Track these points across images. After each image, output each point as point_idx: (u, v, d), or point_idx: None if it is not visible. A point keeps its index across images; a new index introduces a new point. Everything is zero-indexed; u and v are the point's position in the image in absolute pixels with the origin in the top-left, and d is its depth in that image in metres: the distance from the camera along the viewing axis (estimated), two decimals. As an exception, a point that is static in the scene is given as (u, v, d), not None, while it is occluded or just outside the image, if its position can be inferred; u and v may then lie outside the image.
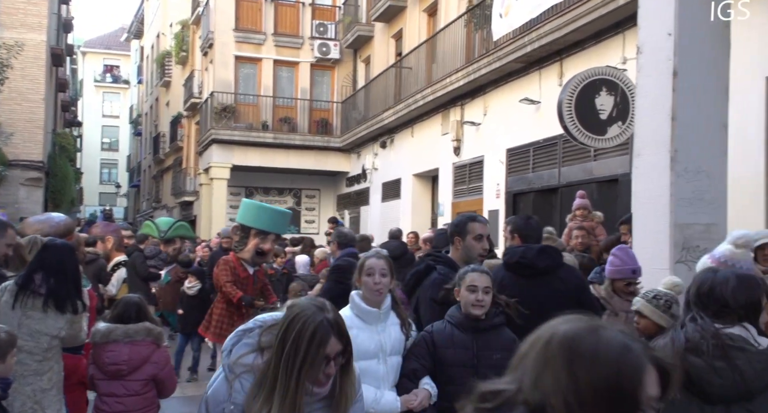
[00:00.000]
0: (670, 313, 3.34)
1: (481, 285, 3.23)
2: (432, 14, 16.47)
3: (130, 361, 3.76)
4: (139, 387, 3.81)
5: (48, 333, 3.56)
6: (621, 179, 8.99)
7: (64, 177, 23.80)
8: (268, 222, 7.77)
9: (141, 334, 3.82)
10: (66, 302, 3.60)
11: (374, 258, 3.35)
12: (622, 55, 9.03)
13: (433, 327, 3.30)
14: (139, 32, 41.13)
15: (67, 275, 3.67)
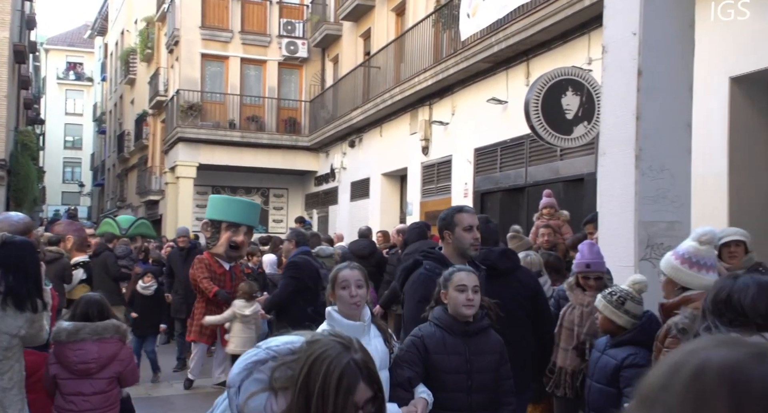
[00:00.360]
0: (623, 309, 3.42)
1: (470, 284, 3.12)
2: (400, 14, 16.48)
3: (99, 359, 3.72)
4: (105, 385, 3.78)
5: (7, 332, 3.48)
6: (587, 178, 9.09)
7: (27, 175, 23.32)
8: (237, 213, 7.73)
9: (110, 331, 3.79)
10: (26, 300, 3.52)
11: (347, 270, 3.13)
12: (588, 56, 9.13)
13: (422, 331, 3.16)
14: (103, 29, 40.42)
15: (27, 273, 3.59)
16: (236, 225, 7.69)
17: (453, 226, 3.58)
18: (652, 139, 4.09)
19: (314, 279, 5.31)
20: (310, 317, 5.20)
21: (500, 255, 3.89)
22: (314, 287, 5.27)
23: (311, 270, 5.33)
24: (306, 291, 5.26)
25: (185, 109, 20.22)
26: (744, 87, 6.75)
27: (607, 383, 3.45)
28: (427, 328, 3.16)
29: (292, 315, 5.34)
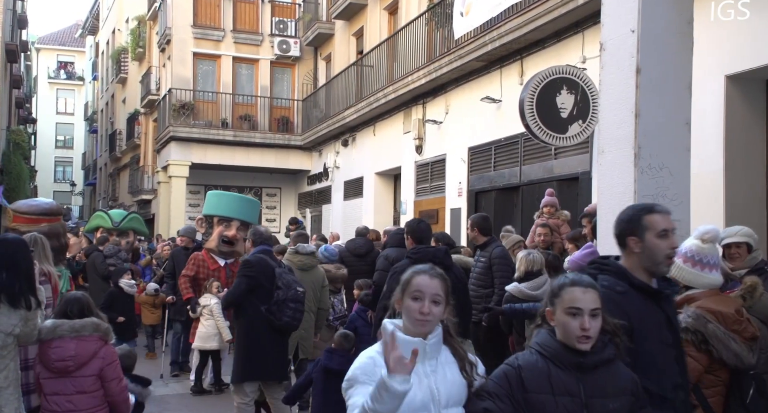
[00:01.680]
0: None
1: (588, 306, 2.33)
2: (393, 12, 16.44)
3: (76, 357, 3.65)
4: (88, 385, 3.70)
5: (2, 330, 3.45)
6: (581, 177, 9.08)
7: (19, 175, 23.21)
8: (228, 208, 7.67)
9: (88, 329, 3.72)
10: (19, 298, 3.49)
11: (425, 277, 2.42)
12: (582, 54, 9.12)
13: (520, 359, 2.42)
14: (94, 28, 40.20)
15: (20, 270, 3.56)
16: (228, 219, 7.64)
17: (642, 231, 2.74)
18: (651, 137, 4.06)
19: (269, 278, 5.31)
20: (263, 316, 5.26)
21: (445, 253, 4.72)
22: (268, 286, 5.29)
23: (266, 268, 5.34)
24: (260, 289, 5.28)
25: (177, 108, 20.12)
26: (739, 85, 6.75)
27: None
28: (527, 357, 2.42)
29: (246, 313, 5.38)
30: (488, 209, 11.11)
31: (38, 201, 5.58)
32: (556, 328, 2.39)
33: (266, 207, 22.60)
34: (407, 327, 2.36)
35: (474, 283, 6.25)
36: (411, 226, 5.20)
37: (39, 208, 5.30)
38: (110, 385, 3.77)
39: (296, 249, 6.61)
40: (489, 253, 6.16)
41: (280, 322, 5.30)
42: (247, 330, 5.38)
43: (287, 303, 5.28)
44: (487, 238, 6.31)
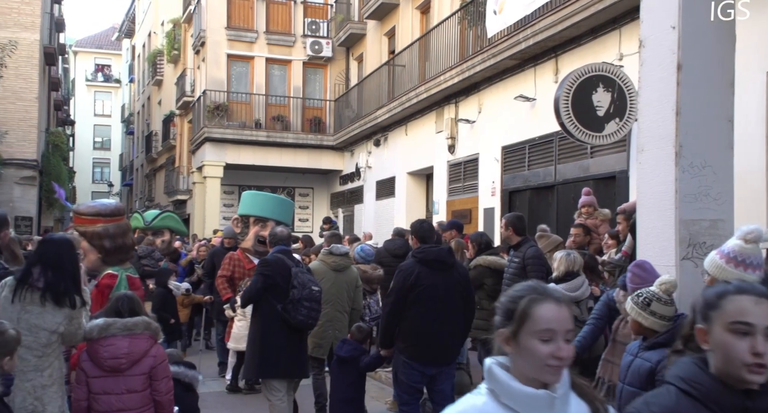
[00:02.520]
0: (649, 311, 3.35)
1: (762, 322, 1.73)
2: (425, 12, 16.40)
3: (129, 355, 3.68)
4: (138, 384, 3.73)
5: (46, 328, 3.50)
6: (618, 176, 8.96)
7: (58, 176, 23.66)
8: (264, 208, 7.71)
9: (140, 327, 3.75)
10: (64, 296, 3.55)
11: (553, 306, 1.74)
12: (619, 51, 9.00)
13: (653, 404, 1.83)
14: (130, 31, 40.88)
15: (64, 269, 3.62)
16: (264, 219, 7.67)
17: None
18: (693, 134, 3.97)
19: (285, 278, 5.41)
20: (278, 314, 5.35)
21: (447, 252, 5.09)
22: (284, 285, 5.39)
23: (282, 267, 5.45)
24: (276, 288, 5.38)
25: (212, 109, 20.35)
26: (782, 81, 6.59)
27: (640, 386, 3.36)
28: (663, 398, 1.82)
29: (262, 312, 5.48)
30: (522, 209, 11.02)
31: (97, 202, 5.76)
32: (711, 354, 1.77)
33: (299, 207, 22.72)
34: (523, 372, 1.72)
35: (508, 284, 6.18)
36: (415, 226, 5.46)
37: (94, 209, 5.45)
38: (159, 384, 3.79)
39: (330, 250, 6.64)
40: (523, 254, 6.10)
41: (294, 321, 5.38)
42: (263, 327, 5.48)
43: (302, 302, 5.36)
44: (521, 238, 6.25)
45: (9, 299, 3.53)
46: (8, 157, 18.95)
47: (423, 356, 4.98)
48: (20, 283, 3.56)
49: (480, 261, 6.65)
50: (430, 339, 4.95)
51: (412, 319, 4.97)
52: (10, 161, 19.10)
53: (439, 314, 4.94)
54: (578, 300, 4.94)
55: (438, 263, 4.96)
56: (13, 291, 3.54)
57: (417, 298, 4.92)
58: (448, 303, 4.94)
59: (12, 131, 19.09)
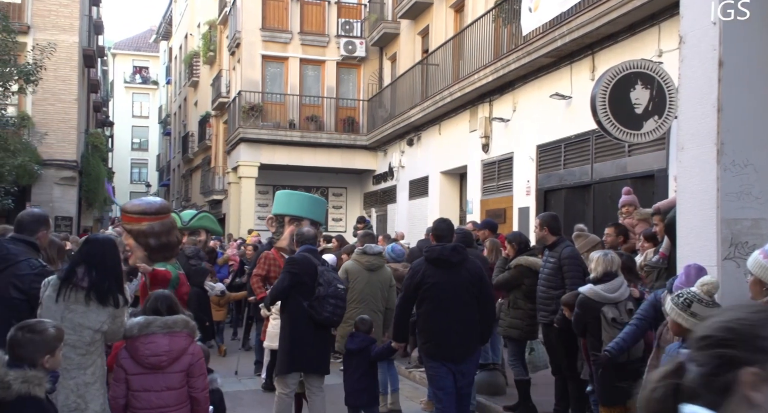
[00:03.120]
0: (690, 312, 3.31)
1: None
2: (459, 10, 16.33)
3: (170, 352, 3.74)
4: (177, 381, 3.78)
5: (90, 326, 3.57)
6: (657, 175, 8.80)
7: (97, 176, 24.09)
8: (298, 207, 7.76)
9: (179, 325, 3.82)
10: (108, 295, 3.61)
11: None
12: (658, 48, 8.84)
13: None
14: (167, 33, 41.51)
15: (108, 269, 3.69)
16: (299, 218, 7.72)
17: None
18: (735, 132, 3.89)
19: (311, 275, 5.56)
20: (305, 310, 5.49)
21: (452, 250, 5.14)
22: (310, 283, 5.54)
23: (308, 266, 5.61)
24: (302, 285, 5.53)
25: (246, 109, 20.55)
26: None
27: (680, 388, 3.32)
28: None
29: (290, 309, 5.63)
30: (558, 208, 10.90)
31: (143, 200, 5.93)
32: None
33: (332, 207, 22.81)
34: None
35: (543, 284, 6.13)
36: (433, 225, 5.58)
37: (140, 208, 5.66)
38: (197, 381, 3.85)
39: (364, 250, 6.66)
40: (558, 253, 6.03)
41: (320, 317, 5.51)
42: (290, 324, 5.61)
43: (328, 299, 5.50)
44: (556, 238, 6.18)
45: (53, 298, 3.59)
46: (48, 158, 19.36)
47: (437, 353, 5.16)
48: (64, 282, 3.62)
49: (521, 261, 6.60)
50: (440, 336, 5.13)
51: (423, 316, 5.20)
52: (50, 162, 19.51)
53: (447, 312, 5.07)
54: (617, 301, 4.86)
55: (441, 261, 5.11)
56: (57, 291, 3.60)
57: (425, 296, 5.13)
58: (455, 301, 5.06)
59: (52, 132, 19.51)
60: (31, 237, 4.25)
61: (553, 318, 5.96)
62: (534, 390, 6.69)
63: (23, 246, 4.13)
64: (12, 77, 14.06)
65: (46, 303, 3.61)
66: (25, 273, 3.98)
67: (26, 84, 14.42)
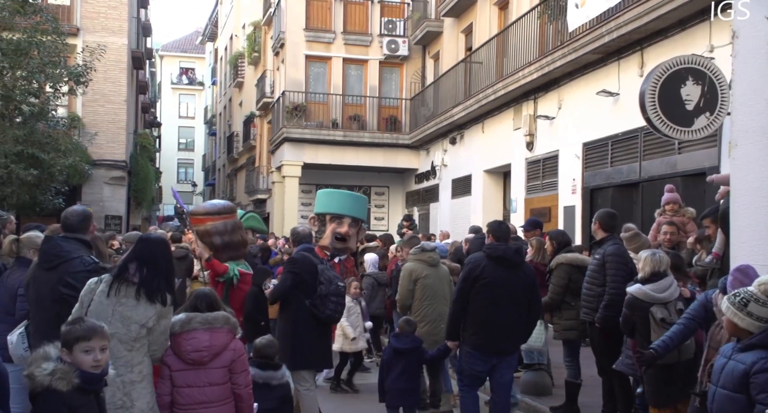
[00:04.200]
0: (746, 312, 3.24)
1: None
2: (503, 7, 16.19)
3: (211, 347, 3.80)
4: (219, 377, 3.83)
5: (137, 321, 3.63)
6: (708, 173, 8.57)
7: (146, 176, 24.60)
8: (338, 204, 7.80)
9: (220, 321, 3.87)
10: (157, 293, 3.69)
11: None
12: (709, 43, 8.62)
13: None
14: (213, 35, 42.18)
15: (159, 267, 3.77)
16: (339, 216, 7.75)
17: None
18: (792, 128, 3.76)
19: (312, 274, 5.66)
20: (307, 309, 5.60)
21: (515, 251, 5.46)
22: (312, 281, 5.64)
23: (309, 265, 5.72)
24: (304, 284, 5.63)
25: (290, 109, 20.74)
26: None
27: (734, 389, 3.25)
28: None
29: (292, 307, 5.74)
30: (605, 206, 10.67)
31: (208, 202, 6.39)
32: None
33: (375, 206, 22.87)
34: None
35: (588, 281, 6.04)
36: (493, 227, 5.79)
37: (204, 209, 6.01)
38: (239, 377, 3.89)
39: (422, 248, 6.73)
40: (603, 250, 5.95)
41: (323, 315, 5.64)
42: (293, 322, 5.71)
43: (329, 297, 5.62)
44: (606, 235, 6.09)
45: (105, 293, 3.69)
46: (98, 158, 19.84)
47: (485, 345, 5.34)
48: (116, 278, 3.73)
49: (561, 260, 6.54)
50: (491, 329, 5.31)
51: (476, 310, 5.34)
52: (100, 162, 20.00)
53: (502, 307, 5.29)
54: (666, 301, 4.74)
55: (504, 260, 5.35)
56: (110, 286, 3.70)
57: (481, 290, 5.31)
58: (510, 297, 5.31)
59: (102, 133, 20.00)
60: (84, 235, 4.35)
61: (595, 317, 5.86)
62: (582, 391, 6.59)
63: (75, 244, 4.23)
64: (62, 79, 14.42)
65: (98, 297, 3.69)
66: (79, 270, 4.08)
67: (76, 85, 14.77)
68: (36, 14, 14.04)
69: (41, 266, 4.23)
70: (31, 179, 13.27)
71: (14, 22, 13.59)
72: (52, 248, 4.20)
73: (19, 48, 13.22)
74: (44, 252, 4.23)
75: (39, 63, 13.53)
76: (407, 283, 6.47)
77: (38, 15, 14.07)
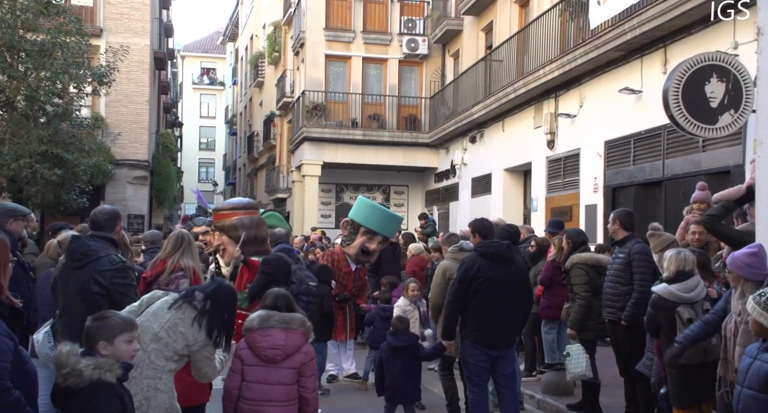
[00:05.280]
0: None
1: None
2: (524, 5, 16.11)
3: (285, 347, 3.87)
4: (288, 377, 3.89)
5: (185, 338, 3.59)
6: (733, 171, 8.48)
7: (168, 176, 24.82)
8: (377, 223, 7.87)
9: (296, 323, 3.95)
10: (214, 327, 3.63)
11: None
12: (733, 40, 8.51)
13: None
14: (233, 35, 42.44)
15: (223, 309, 3.70)
16: (374, 233, 7.81)
17: None
18: (820, 125, 3.71)
19: (285, 274, 5.80)
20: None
21: (506, 247, 5.58)
22: (285, 280, 5.78)
23: (283, 265, 5.89)
24: (276, 284, 5.61)
25: (310, 109, 20.81)
26: None
27: (759, 389, 3.23)
28: None
29: None
30: (627, 205, 10.62)
31: (233, 199, 6.77)
32: None
33: (394, 205, 22.88)
34: None
35: (611, 280, 6.02)
36: (476, 225, 6.02)
37: (231, 204, 6.35)
38: (307, 381, 3.96)
39: (461, 247, 6.75)
40: (628, 249, 5.93)
41: None
42: None
43: (300, 297, 5.75)
44: (627, 234, 6.07)
45: (168, 303, 3.66)
46: (121, 158, 20.07)
47: (486, 340, 5.51)
48: (182, 298, 3.69)
49: (575, 260, 6.54)
50: (491, 324, 5.48)
51: (475, 307, 5.47)
52: (123, 162, 20.23)
53: (500, 302, 5.45)
54: (693, 301, 4.69)
55: (498, 256, 5.50)
56: (175, 300, 3.68)
57: (479, 288, 5.45)
58: (507, 292, 5.49)
59: (125, 133, 20.22)
60: (110, 234, 4.38)
61: (620, 316, 5.83)
62: (603, 391, 6.55)
63: (103, 243, 4.27)
64: (86, 79, 14.60)
65: (160, 303, 3.68)
66: (106, 269, 4.11)
67: (99, 86, 14.94)
68: (59, 15, 14.23)
69: (69, 265, 4.25)
70: (55, 179, 13.44)
71: (38, 24, 13.78)
72: (80, 247, 4.22)
73: (43, 49, 13.40)
74: (72, 252, 4.25)
75: (63, 64, 13.70)
76: (440, 281, 6.38)
77: (62, 16, 14.25)
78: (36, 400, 3.18)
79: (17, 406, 2.82)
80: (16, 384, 2.86)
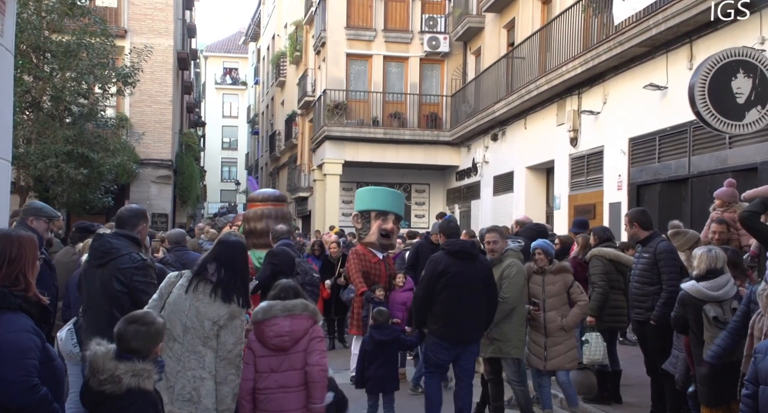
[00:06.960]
0: None
1: None
2: (546, 2, 15.98)
3: (292, 333, 3.92)
4: (299, 362, 3.93)
5: (210, 318, 3.73)
6: (760, 168, 8.34)
7: (191, 175, 25.01)
8: (383, 201, 7.99)
9: (299, 308, 3.99)
10: (232, 293, 3.81)
11: None
12: (760, 35, 8.37)
13: None
14: (255, 35, 42.65)
15: (236, 269, 3.90)
16: (384, 213, 7.87)
17: None
18: None
19: (290, 266, 6.12)
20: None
21: (471, 244, 5.95)
22: (290, 272, 6.00)
23: (288, 258, 6.20)
24: (282, 275, 5.84)
25: (331, 108, 20.83)
26: None
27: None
28: None
29: None
30: (652, 203, 10.51)
31: (264, 190, 7.68)
32: None
33: (415, 204, 22.85)
34: None
35: (637, 280, 5.95)
36: (442, 226, 6.38)
37: (263, 195, 6.96)
38: (311, 357, 3.91)
39: None
40: (653, 248, 5.85)
41: None
42: None
43: (305, 287, 5.82)
44: (649, 233, 6.00)
45: (184, 287, 3.82)
46: (145, 157, 20.25)
47: (451, 336, 5.68)
48: (196, 276, 3.86)
49: (595, 252, 6.59)
50: (456, 320, 5.65)
51: (442, 303, 5.65)
52: (147, 161, 20.42)
53: (465, 299, 5.62)
54: (722, 299, 4.60)
55: (463, 253, 5.71)
56: (189, 281, 3.84)
57: (446, 284, 5.63)
58: (472, 289, 5.65)
59: (149, 133, 20.41)
60: (133, 232, 4.42)
61: (648, 316, 5.77)
62: (629, 390, 6.51)
63: (125, 241, 4.30)
64: (110, 80, 14.76)
65: (177, 290, 3.82)
66: (127, 267, 4.15)
67: (124, 86, 15.11)
68: (84, 16, 14.38)
69: (92, 263, 4.30)
70: (81, 178, 13.61)
71: (63, 25, 13.96)
72: (103, 245, 4.27)
73: (68, 50, 13.56)
74: (95, 249, 4.31)
75: (88, 64, 13.87)
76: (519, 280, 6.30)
77: (86, 17, 14.41)
78: (63, 397, 3.21)
79: (45, 403, 2.83)
80: (42, 380, 2.87)
